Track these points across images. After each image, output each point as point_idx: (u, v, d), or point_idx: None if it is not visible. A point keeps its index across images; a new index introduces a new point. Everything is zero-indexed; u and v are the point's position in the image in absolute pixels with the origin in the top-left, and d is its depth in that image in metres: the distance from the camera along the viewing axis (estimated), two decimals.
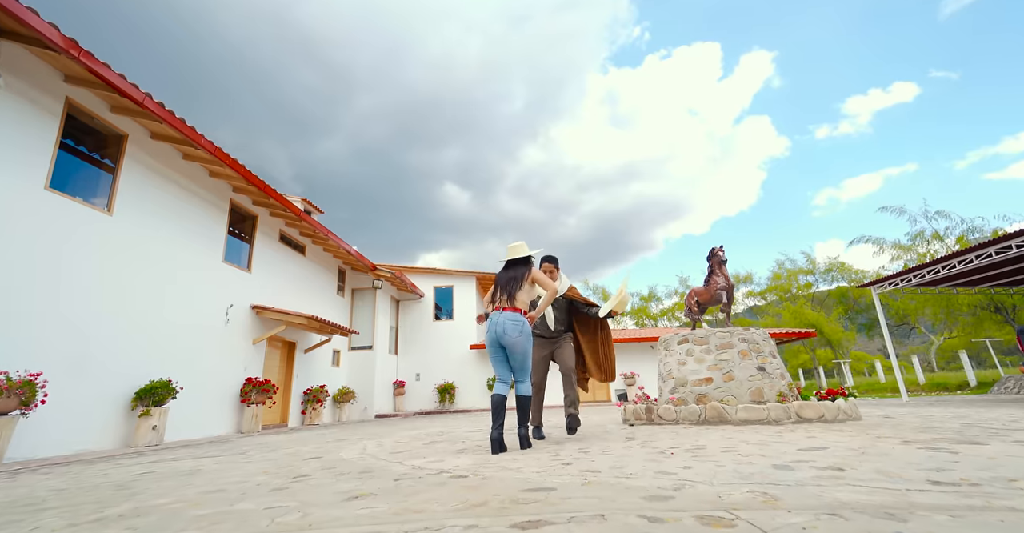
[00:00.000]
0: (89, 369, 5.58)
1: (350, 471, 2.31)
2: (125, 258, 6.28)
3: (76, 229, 5.58)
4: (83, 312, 5.57)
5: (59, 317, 5.26)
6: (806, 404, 3.56)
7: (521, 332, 2.89)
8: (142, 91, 5.83)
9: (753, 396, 3.95)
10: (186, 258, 7.45)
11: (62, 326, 5.29)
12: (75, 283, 5.51)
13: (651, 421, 4.14)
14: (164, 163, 7.17)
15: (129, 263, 6.34)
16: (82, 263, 5.62)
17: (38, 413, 4.73)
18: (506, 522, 1.17)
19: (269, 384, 8.63)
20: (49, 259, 5.22)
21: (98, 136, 6.27)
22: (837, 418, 3.55)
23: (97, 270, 5.83)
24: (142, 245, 6.57)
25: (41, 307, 5.08)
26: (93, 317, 5.71)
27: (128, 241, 6.34)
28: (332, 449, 3.74)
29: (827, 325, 20.61)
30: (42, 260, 5.15)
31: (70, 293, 5.43)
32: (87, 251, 5.70)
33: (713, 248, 4.67)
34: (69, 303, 5.40)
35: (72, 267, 5.49)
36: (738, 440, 2.66)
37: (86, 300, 5.62)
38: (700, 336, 4.37)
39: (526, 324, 2.94)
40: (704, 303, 4.90)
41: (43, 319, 5.09)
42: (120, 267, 6.18)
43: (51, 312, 5.18)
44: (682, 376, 4.33)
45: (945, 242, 13.68)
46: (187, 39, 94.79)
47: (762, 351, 4.19)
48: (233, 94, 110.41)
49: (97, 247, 5.85)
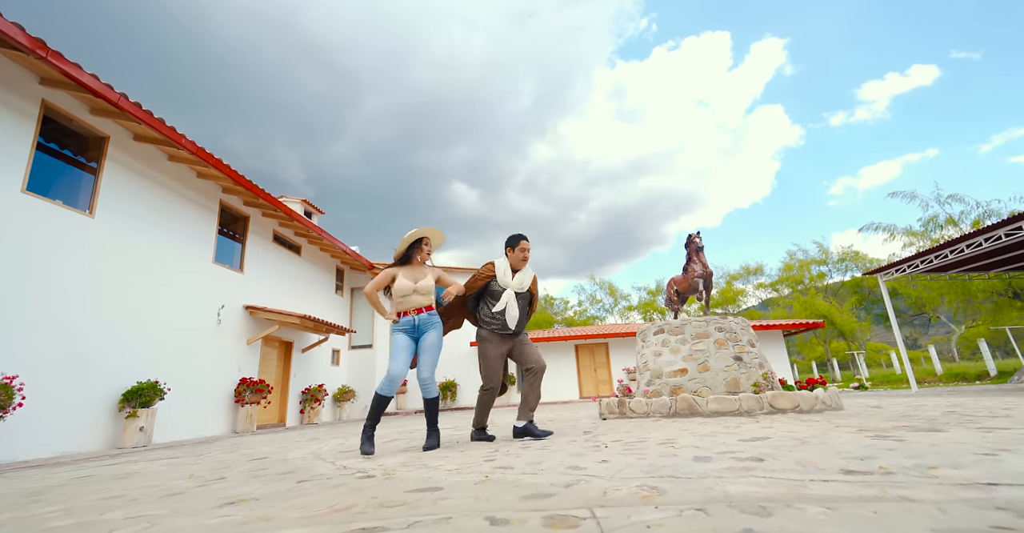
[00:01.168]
0: (75, 372, 5.62)
1: (272, 472, 2.22)
2: (109, 260, 6.31)
3: (55, 231, 5.61)
4: (65, 314, 5.61)
5: (38, 319, 5.30)
6: (780, 394, 3.37)
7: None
8: (117, 91, 5.84)
9: (728, 387, 3.77)
10: (175, 259, 7.48)
11: (42, 328, 5.33)
12: (55, 285, 5.55)
13: (623, 415, 3.99)
14: (149, 165, 7.20)
15: (114, 265, 6.37)
16: (62, 265, 5.66)
17: (20, 416, 4.76)
18: (338, 531, 1.06)
19: (263, 384, 8.66)
20: (25, 261, 5.25)
21: (79, 139, 6.31)
22: (814, 408, 3.36)
23: (79, 272, 5.86)
24: (127, 246, 6.60)
25: (18, 310, 5.12)
26: (75, 319, 5.74)
27: (111, 243, 6.36)
28: (291, 448, 3.67)
29: (838, 315, 20.06)
30: (18, 262, 5.18)
31: (50, 295, 5.46)
32: (67, 253, 5.73)
33: (690, 235, 4.48)
34: (49, 305, 5.44)
35: (52, 269, 5.53)
36: (688, 432, 2.51)
37: (68, 302, 5.66)
38: (675, 326, 4.19)
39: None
40: (683, 292, 4.71)
41: (21, 322, 5.12)
42: (104, 269, 6.22)
43: (31, 315, 5.22)
44: (657, 367, 4.16)
45: (960, 227, 13.13)
46: (192, 47, 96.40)
47: (740, 340, 4.00)
48: (242, 102, 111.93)
49: (77, 249, 5.88)
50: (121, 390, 6.21)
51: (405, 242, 3.18)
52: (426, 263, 3.30)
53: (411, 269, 3.16)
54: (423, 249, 3.21)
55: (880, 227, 15.08)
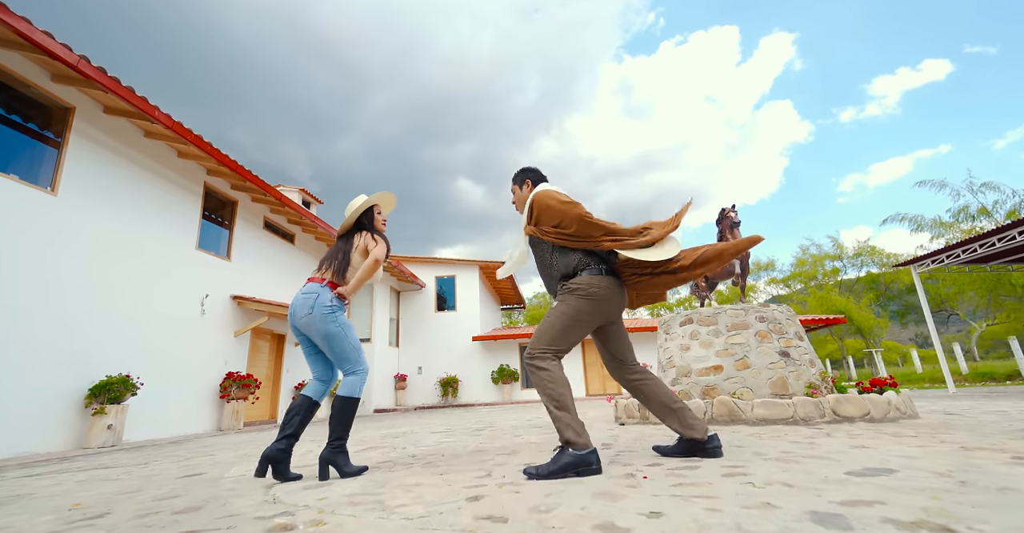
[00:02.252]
0: (33, 365, 5.06)
1: (176, 507, 1.62)
2: (73, 242, 5.74)
3: (8, 209, 5.04)
4: (21, 300, 5.04)
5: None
6: (845, 398, 2.73)
7: (312, 309, 2.19)
8: (76, 53, 5.23)
9: (774, 388, 3.13)
10: (153, 244, 6.92)
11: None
12: (8, 268, 4.98)
13: (645, 419, 3.36)
14: (122, 141, 6.61)
15: (80, 247, 5.80)
16: (15, 246, 5.08)
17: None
18: None
19: (251, 379, 8.11)
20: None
21: (41, 109, 5.73)
22: (887, 416, 2.71)
23: (38, 254, 5.30)
24: (95, 228, 6.03)
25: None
26: (33, 307, 5.18)
27: (76, 223, 5.79)
28: (245, 459, 3.07)
29: (856, 312, 19.27)
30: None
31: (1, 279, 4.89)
32: (20, 233, 5.16)
33: (723, 208, 3.82)
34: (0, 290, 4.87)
35: (3, 250, 4.95)
36: (751, 451, 1.86)
37: (24, 287, 5.09)
38: (707, 315, 3.55)
39: (322, 296, 2.22)
40: (713, 277, 4.06)
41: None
42: (69, 252, 5.65)
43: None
44: (685, 364, 3.52)
45: (993, 217, 12.30)
46: (201, 43, 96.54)
47: (785, 332, 3.35)
48: (251, 98, 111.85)
49: (35, 229, 5.31)
50: (89, 384, 5.67)
51: (356, 211, 2.55)
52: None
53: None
54: (377, 218, 2.62)
55: (906, 218, 14.25)
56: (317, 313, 2.18)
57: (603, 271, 1.99)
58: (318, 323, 2.18)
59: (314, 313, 2.18)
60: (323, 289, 2.25)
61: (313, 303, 2.20)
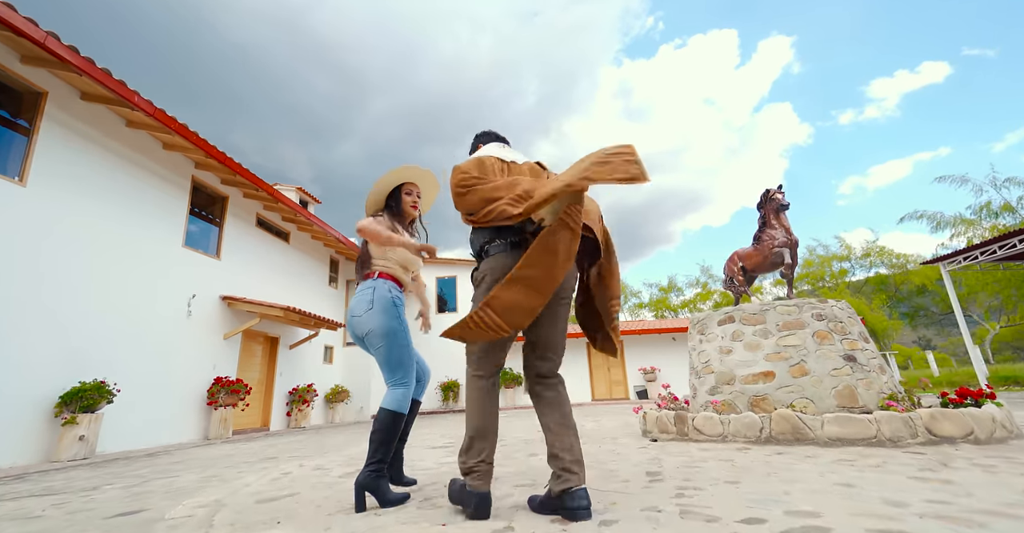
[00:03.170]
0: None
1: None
2: (45, 237, 5.26)
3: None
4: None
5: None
6: (942, 413, 2.23)
7: (372, 303, 1.93)
8: (43, 30, 4.78)
9: (841, 400, 2.64)
10: (134, 241, 6.44)
11: None
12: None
13: (683, 436, 2.87)
14: (101, 130, 6.14)
15: (53, 244, 5.33)
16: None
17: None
18: None
19: (240, 384, 7.61)
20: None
21: (8, 92, 5.26)
22: (993, 436, 2.22)
23: (4, 250, 4.83)
24: (69, 222, 5.55)
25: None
26: (1, 307, 4.71)
27: (49, 217, 5.32)
28: (208, 485, 2.58)
29: (868, 313, 18.76)
30: None
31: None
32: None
33: (768, 190, 3.32)
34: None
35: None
36: (864, 493, 1.37)
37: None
38: (751, 312, 3.06)
39: (379, 289, 1.97)
40: (754, 269, 3.55)
41: None
42: (38, 247, 5.17)
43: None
44: (727, 369, 3.03)
45: (1019, 213, 11.81)
46: (199, 47, 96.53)
47: (849, 333, 2.87)
48: (251, 102, 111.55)
49: (2, 222, 4.84)
50: (59, 392, 5.18)
51: (383, 190, 2.17)
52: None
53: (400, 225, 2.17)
54: (406, 200, 2.20)
55: (924, 216, 13.76)
56: (377, 307, 1.90)
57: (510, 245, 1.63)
58: (378, 318, 1.88)
59: (374, 308, 1.89)
60: (377, 281, 1.99)
61: (372, 298, 1.92)
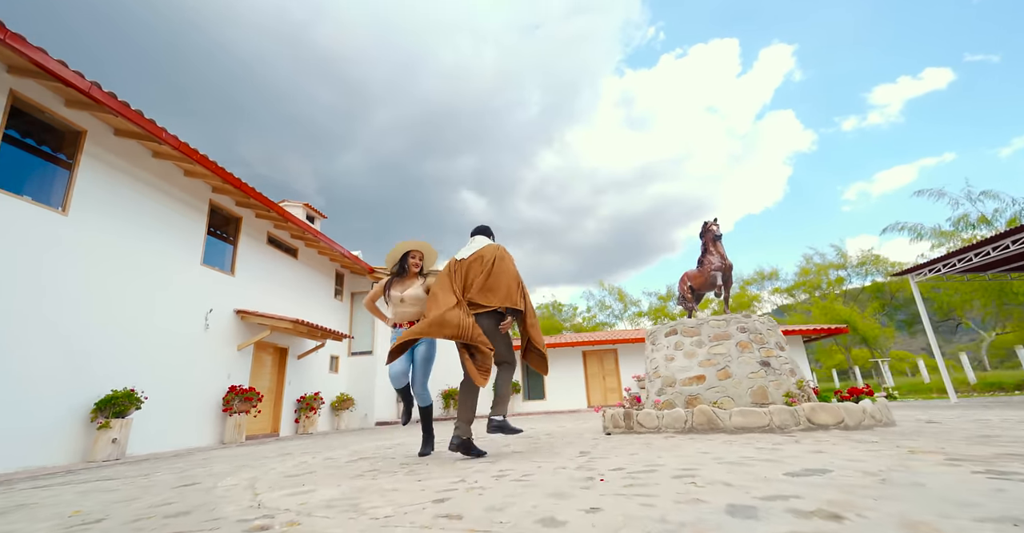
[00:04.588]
0: (41, 381, 5.22)
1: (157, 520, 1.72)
2: (81, 259, 5.94)
3: (19, 228, 5.26)
4: (31, 318, 5.22)
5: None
6: (820, 406, 2.80)
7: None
8: (88, 80, 5.51)
9: (755, 397, 3.20)
10: (159, 260, 7.12)
11: (2, 331, 4.94)
12: (21, 286, 5.17)
13: (630, 429, 3.43)
14: (132, 162, 6.87)
15: (88, 264, 6.01)
16: (28, 264, 5.29)
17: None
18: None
19: (252, 392, 8.22)
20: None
21: (54, 132, 5.99)
22: (862, 424, 2.78)
23: (48, 271, 5.50)
24: (103, 246, 6.24)
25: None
26: (45, 323, 5.36)
27: (86, 242, 6.01)
28: (234, 471, 3.17)
29: (861, 321, 19.12)
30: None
31: (11, 297, 5.08)
32: (33, 251, 5.37)
33: (705, 222, 3.93)
34: (10, 308, 5.05)
35: (14, 267, 5.15)
36: (711, 456, 1.95)
37: (31, 304, 5.27)
38: (691, 326, 3.64)
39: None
40: (699, 288, 4.15)
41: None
42: (77, 269, 5.85)
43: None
44: (670, 374, 3.60)
45: (994, 225, 12.29)
46: (203, 60, 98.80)
47: (766, 343, 3.43)
48: (255, 114, 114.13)
49: (46, 247, 5.52)
50: (95, 399, 5.81)
51: (392, 258, 3.35)
52: (420, 274, 3.38)
53: (403, 280, 3.29)
54: (409, 261, 3.34)
55: (905, 227, 14.28)
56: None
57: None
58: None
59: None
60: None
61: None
